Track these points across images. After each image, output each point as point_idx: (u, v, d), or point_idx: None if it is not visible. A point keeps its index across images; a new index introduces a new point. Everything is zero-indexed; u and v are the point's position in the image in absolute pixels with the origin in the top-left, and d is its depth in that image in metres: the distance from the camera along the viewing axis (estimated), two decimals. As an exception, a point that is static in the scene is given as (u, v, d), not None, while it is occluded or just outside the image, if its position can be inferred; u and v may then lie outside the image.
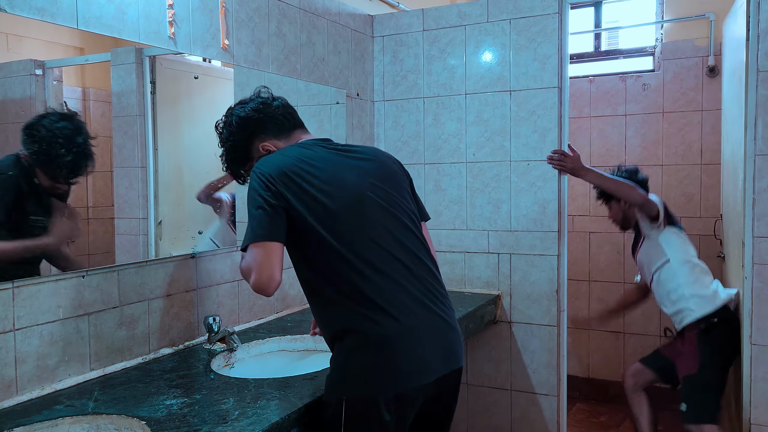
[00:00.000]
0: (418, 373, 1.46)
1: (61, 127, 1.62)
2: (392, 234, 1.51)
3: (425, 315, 1.49)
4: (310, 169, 1.50)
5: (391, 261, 1.48)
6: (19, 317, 1.48)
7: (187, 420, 1.36)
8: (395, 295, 1.46)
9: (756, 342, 2.31)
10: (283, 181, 1.46)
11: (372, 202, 1.51)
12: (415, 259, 1.53)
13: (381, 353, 1.43)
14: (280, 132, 1.65)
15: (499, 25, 2.72)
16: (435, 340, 1.50)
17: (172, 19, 1.88)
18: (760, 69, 2.24)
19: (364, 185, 1.52)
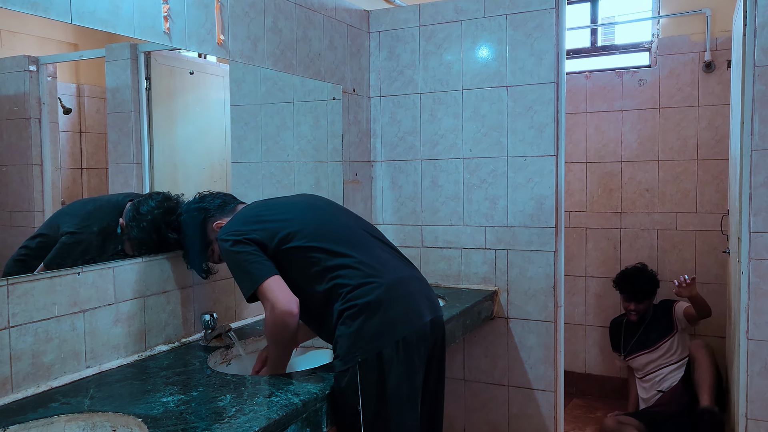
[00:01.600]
0: (413, 315, 1.64)
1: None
2: (347, 221, 1.79)
3: (402, 269, 1.74)
4: (262, 212, 1.75)
5: (359, 238, 1.73)
6: (14, 314, 1.47)
7: (184, 417, 1.35)
8: (373, 260, 1.67)
9: (752, 337, 2.32)
10: (248, 230, 1.66)
11: (321, 206, 1.83)
12: (374, 235, 1.80)
13: (378, 312, 1.59)
14: (225, 209, 1.87)
15: (495, 20, 2.71)
16: (418, 289, 1.72)
17: (167, 13, 1.87)
18: (757, 64, 2.24)
19: (307, 202, 1.85)
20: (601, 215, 3.85)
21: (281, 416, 1.37)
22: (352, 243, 1.69)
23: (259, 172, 2.47)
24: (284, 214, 1.71)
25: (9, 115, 1.62)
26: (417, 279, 1.76)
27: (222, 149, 2.30)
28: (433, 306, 1.72)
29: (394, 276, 1.66)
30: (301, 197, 1.93)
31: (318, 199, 1.90)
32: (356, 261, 1.64)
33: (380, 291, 1.60)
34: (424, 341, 1.65)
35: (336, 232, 1.70)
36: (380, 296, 1.59)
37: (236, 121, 2.33)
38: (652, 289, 3.48)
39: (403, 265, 1.77)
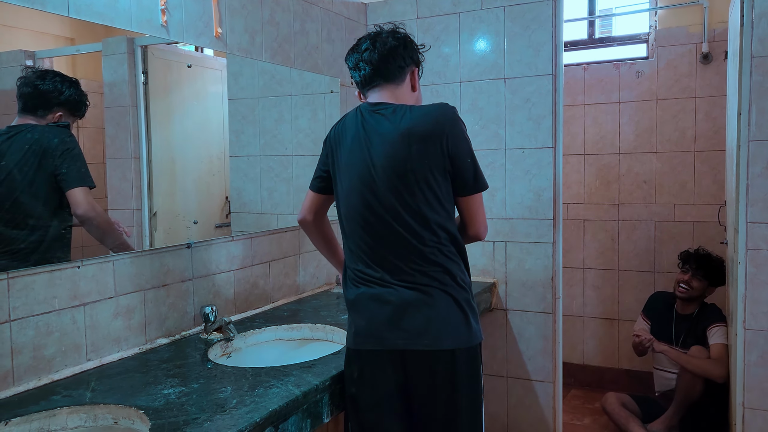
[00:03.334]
0: (371, 336, 1.58)
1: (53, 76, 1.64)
2: (371, 223, 1.59)
3: (388, 289, 1.57)
4: (341, 142, 1.65)
5: (364, 243, 1.60)
6: (15, 308, 1.48)
7: (185, 409, 1.36)
8: (362, 268, 1.61)
9: (749, 327, 2.33)
10: (327, 148, 1.70)
11: (360, 195, 1.59)
12: (378, 239, 1.58)
13: (350, 313, 1.64)
14: (360, 88, 1.70)
15: (493, 12, 2.71)
16: (390, 310, 1.56)
17: (164, 6, 1.86)
18: (754, 55, 2.25)
19: (358, 177, 1.59)
20: (599, 207, 3.86)
21: (282, 407, 1.38)
22: (353, 239, 1.63)
23: (258, 166, 2.48)
24: (341, 177, 1.63)
25: (6, 110, 1.62)
26: (390, 301, 1.57)
27: (220, 143, 2.30)
28: (407, 333, 1.55)
29: (372, 289, 1.59)
30: (366, 160, 1.58)
31: (371, 173, 1.57)
32: (349, 258, 1.66)
33: (356, 295, 1.63)
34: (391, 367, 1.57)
35: (350, 226, 1.63)
36: (354, 300, 1.63)
37: (234, 115, 2.33)
38: (716, 274, 3.14)
39: (390, 279, 1.58)
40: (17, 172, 1.53)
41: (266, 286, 2.34)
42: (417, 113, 1.57)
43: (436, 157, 1.54)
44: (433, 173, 1.55)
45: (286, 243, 2.46)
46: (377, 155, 1.55)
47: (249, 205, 2.45)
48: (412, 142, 1.53)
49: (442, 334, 1.55)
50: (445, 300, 1.56)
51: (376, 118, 1.58)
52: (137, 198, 1.93)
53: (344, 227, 1.66)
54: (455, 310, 1.57)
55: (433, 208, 1.56)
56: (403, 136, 1.54)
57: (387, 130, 1.56)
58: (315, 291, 2.61)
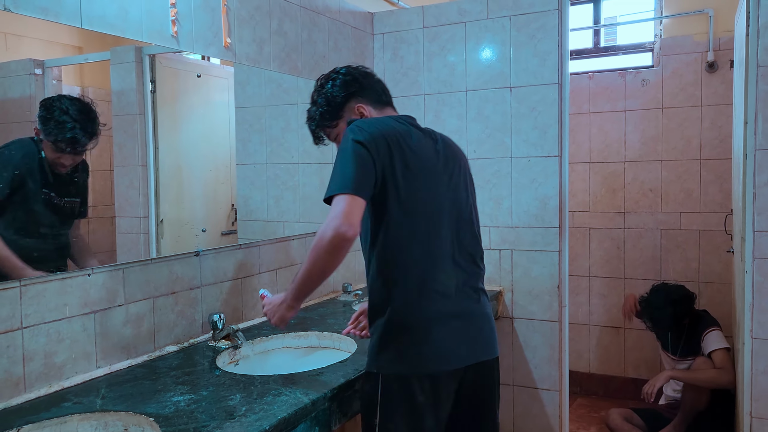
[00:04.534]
0: (443, 357, 1.50)
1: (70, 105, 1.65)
2: (441, 227, 1.55)
3: (458, 304, 1.55)
4: (406, 145, 1.51)
5: (436, 253, 1.53)
6: (27, 315, 1.49)
7: (195, 416, 1.36)
8: (436, 282, 1.51)
9: (757, 336, 2.32)
10: (378, 149, 1.46)
11: (451, 199, 1.58)
12: (456, 254, 1.57)
13: (412, 336, 1.50)
14: (377, 102, 1.68)
15: (499, 21, 2.72)
16: (462, 329, 1.55)
17: (174, 17, 1.88)
18: (760, 64, 2.25)
19: (440, 176, 1.57)
20: (605, 215, 3.86)
21: (290, 415, 1.38)
22: (425, 257, 1.52)
23: (264, 174, 2.49)
24: (413, 177, 1.51)
25: (15, 118, 1.63)
26: (467, 317, 1.58)
27: (227, 151, 2.31)
28: (475, 348, 1.59)
29: (442, 307, 1.53)
30: (439, 166, 1.58)
31: (446, 180, 1.57)
32: (417, 273, 1.51)
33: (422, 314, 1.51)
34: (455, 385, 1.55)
35: (420, 237, 1.52)
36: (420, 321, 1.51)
37: (241, 123, 2.35)
38: (670, 320, 3.13)
39: (465, 297, 1.57)
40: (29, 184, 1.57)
41: (274, 294, 2.35)
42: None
43: (469, 177, 1.71)
44: (472, 186, 1.71)
45: (293, 251, 2.47)
46: (452, 161, 1.61)
47: (255, 213, 2.46)
48: (461, 155, 1.68)
49: (495, 341, 1.68)
50: (489, 307, 1.68)
51: (428, 130, 1.64)
52: (144, 205, 1.94)
53: (404, 235, 1.49)
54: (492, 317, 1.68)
55: (477, 214, 1.69)
56: (456, 146, 1.70)
57: (444, 140, 1.66)
58: (322, 299, 2.62)
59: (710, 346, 2.98)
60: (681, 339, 3.14)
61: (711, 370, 2.91)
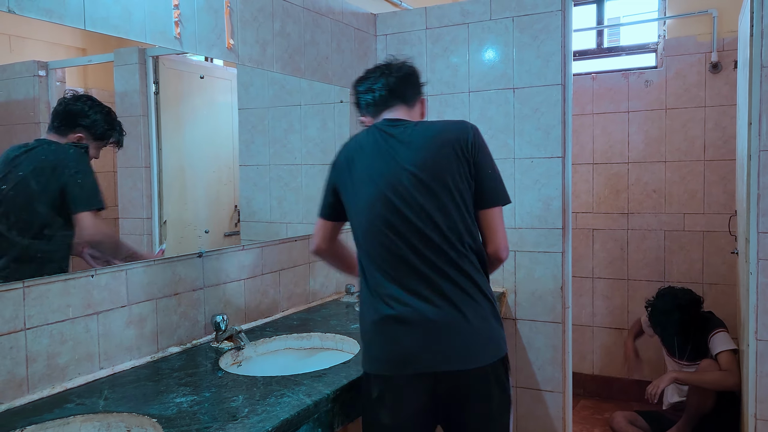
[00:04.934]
0: (396, 362, 1.51)
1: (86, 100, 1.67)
2: (398, 229, 1.53)
3: (416, 307, 1.50)
4: (357, 158, 1.62)
5: (389, 256, 1.54)
6: (30, 316, 1.49)
7: (197, 417, 1.36)
8: (386, 286, 1.53)
9: (761, 337, 2.31)
10: (338, 169, 1.66)
11: (386, 201, 1.54)
12: (415, 260, 1.52)
13: (368, 337, 1.57)
14: (371, 112, 1.71)
15: (502, 22, 2.72)
16: (422, 332, 1.50)
17: (177, 19, 1.89)
18: (764, 64, 2.25)
19: (385, 182, 1.55)
20: (608, 216, 3.85)
21: (293, 416, 1.38)
22: (376, 260, 1.56)
23: (267, 175, 2.49)
24: (356, 190, 1.60)
25: (19, 120, 1.64)
26: (429, 321, 1.51)
27: (230, 152, 2.32)
28: (439, 356, 1.50)
29: (400, 310, 1.51)
30: (391, 168, 1.56)
31: (398, 184, 1.54)
32: (372, 279, 1.56)
33: (379, 317, 1.53)
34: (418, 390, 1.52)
35: (369, 244, 1.57)
36: (377, 323, 1.54)
37: (244, 124, 2.35)
38: (678, 326, 3.10)
39: (426, 299, 1.52)
40: (31, 184, 1.54)
41: (276, 295, 2.35)
42: (441, 123, 1.64)
43: (462, 163, 1.56)
44: (460, 178, 1.55)
45: (296, 252, 2.47)
46: (405, 159, 1.55)
47: (258, 214, 2.46)
48: (441, 146, 1.55)
49: (479, 351, 1.52)
50: (476, 312, 1.52)
51: (399, 129, 1.60)
52: (147, 207, 1.95)
53: (361, 241, 1.59)
54: (485, 323, 1.54)
55: (461, 213, 1.54)
56: (433, 140, 1.56)
57: (414, 137, 1.57)
58: (325, 300, 2.62)
59: (717, 348, 2.96)
60: (688, 343, 3.12)
61: (716, 372, 2.89)
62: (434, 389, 1.52)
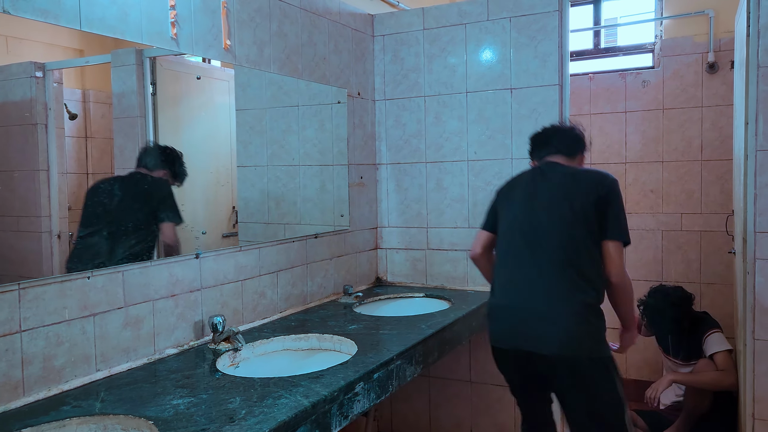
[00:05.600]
0: (500, 336, 2.04)
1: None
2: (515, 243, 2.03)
3: (520, 300, 1.98)
4: (516, 186, 2.14)
5: (520, 263, 2.01)
6: (26, 318, 1.49)
7: (194, 419, 1.36)
8: (506, 284, 2.03)
9: (759, 337, 2.32)
10: (499, 195, 2.19)
11: (525, 237, 2.01)
12: (539, 267, 1.96)
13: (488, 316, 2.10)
14: (537, 157, 2.21)
15: (499, 23, 2.72)
16: (518, 319, 1.97)
17: (174, 19, 1.88)
18: (761, 65, 2.25)
19: (526, 208, 2.04)
20: (606, 216, 3.85)
21: (291, 418, 1.38)
22: (508, 263, 2.05)
23: (265, 176, 2.49)
24: (508, 209, 2.11)
25: (16, 121, 1.63)
26: (525, 310, 1.97)
27: (227, 153, 2.31)
28: (529, 339, 1.94)
29: (506, 301, 2.03)
30: (532, 200, 2.05)
31: (535, 212, 2.02)
32: (498, 275, 2.08)
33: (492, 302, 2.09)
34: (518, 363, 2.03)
35: (507, 252, 2.07)
36: (491, 306, 2.09)
37: (242, 125, 2.35)
38: (671, 323, 3.10)
39: (530, 296, 1.96)
40: (133, 201, 1.93)
41: (274, 296, 2.35)
42: (588, 169, 2.13)
43: (596, 197, 1.96)
44: (591, 208, 1.95)
45: (294, 253, 2.46)
46: (552, 184, 2.03)
47: (256, 215, 2.46)
48: (581, 180, 2.02)
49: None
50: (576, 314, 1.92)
51: (554, 167, 2.10)
52: (145, 208, 1.94)
53: (501, 243, 2.09)
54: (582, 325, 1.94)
55: (585, 234, 1.94)
56: (575, 175, 2.05)
57: (563, 172, 2.07)
58: (322, 301, 2.62)
59: (712, 348, 2.96)
60: (682, 342, 3.12)
61: (713, 372, 2.90)
62: (521, 363, 2.07)
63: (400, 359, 1.87)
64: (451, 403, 2.95)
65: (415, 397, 3.02)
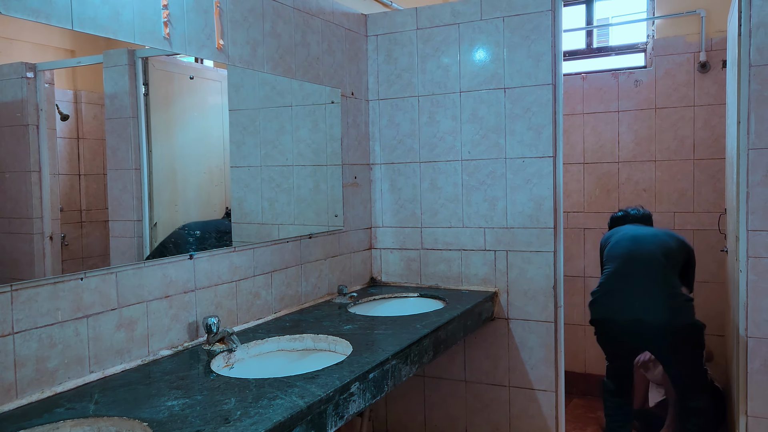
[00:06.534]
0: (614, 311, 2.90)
1: None
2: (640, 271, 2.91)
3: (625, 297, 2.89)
4: (616, 238, 3.07)
5: (627, 280, 2.91)
6: (18, 320, 1.48)
7: (189, 421, 1.35)
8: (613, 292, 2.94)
9: (752, 334, 2.33)
10: (604, 243, 3.15)
11: (633, 257, 2.94)
12: (645, 281, 2.87)
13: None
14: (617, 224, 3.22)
15: (492, 23, 2.73)
16: (631, 301, 2.84)
17: (167, 19, 1.87)
18: (752, 64, 2.26)
19: (633, 250, 2.96)
20: (599, 216, 3.87)
21: (286, 419, 1.37)
22: (619, 281, 2.91)
23: (258, 176, 2.48)
24: (616, 250, 3.02)
25: (7, 122, 1.62)
26: (635, 300, 2.85)
27: (220, 154, 2.30)
28: (641, 310, 2.80)
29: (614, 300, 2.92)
30: (636, 246, 2.98)
31: (638, 251, 2.95)
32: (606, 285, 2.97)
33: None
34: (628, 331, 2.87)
35: (620, 272, 2.94)
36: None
37: (235, 126, 2.34)
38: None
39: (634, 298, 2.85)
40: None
41: (268, 297, 2.34)
42: (669, 231, 3.11)
43: (678, 253, 2.96)
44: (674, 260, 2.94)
45: (288, 253, 2.46)
46: (649, 238, 2.98)
47: (250, 216, 2.45)
48: (669, 240, 2.98)
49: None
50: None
51: (644, 228, 3.10)
52: (138, 209, 1.93)
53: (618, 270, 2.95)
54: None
55: (670, 270, 2.90)
56: (664, 235, 3.02)
57: (653, 231, 3.09)
58: (317, 301, 2.61)
59: None
60: None
61: None
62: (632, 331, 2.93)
63: (395, 359, 1.87)
64: (446, 403, 2.95)
65: (410, 396, 3.03)
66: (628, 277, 2.88)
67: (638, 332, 2.82)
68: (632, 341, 2.91)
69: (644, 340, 2.87)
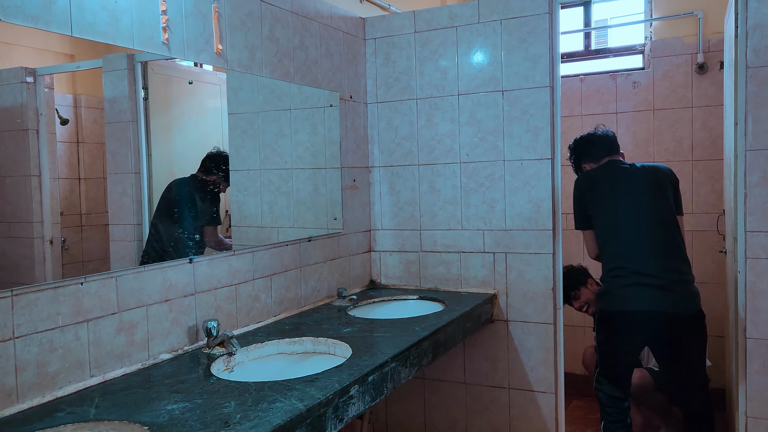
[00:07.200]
0: (627, 302, 2.58)
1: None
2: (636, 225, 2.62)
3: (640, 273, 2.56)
4: (601, 184, 2.71)
5: (631, 243, 2.63)
6: (19, 325, 1.48)
7: (189, 424, 1.36)
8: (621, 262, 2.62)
9: (750, 336, 2.33)
10: (585, 189, 2.74)
11: (626, 207, 2.63)
12: (648, 240, 2.61)
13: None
14: (595, 158, 2.80)
15: (490, 25, 2.74)
16: (643, 290, 2.55)
17: (165, 24, 1.88)
18: (749, 65, 2.27)
19: (625, 194, 2.64)
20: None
21: (286, 422, 1.38)
22: (621, 249, 2.63)
23: (258, 180, 2.48)
24: (606, 204, 2.68)
25: (7, 127, 1.63)
26: (646, 285, 2.56)
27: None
28: (657, 302, 2.55)
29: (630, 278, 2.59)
30: (628, 188, 2.67)
31: (631, 195, 2.64)
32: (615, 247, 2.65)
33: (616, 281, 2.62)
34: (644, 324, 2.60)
35: (617, 235, 2.65)
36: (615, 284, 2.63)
37: (234, 129, 2.34)
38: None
39: (645, 272, 2.57)
40: (171, 205, 2.05)
41: (268, 300, 2.35)
42: (652, 164, 2.76)
43: (670, 186, 2.70)
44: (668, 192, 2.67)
45: (287, 256, 2.46)
46: (644, 183, 2.65)
47: (249, 219, 2.45)
48: (658, 176, 2.69)
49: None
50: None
51: (626, 165, 2.74)
52: (137, 213, 1.93)
53: (611, 238, 2.65)
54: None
55: (671, 214, 2.65)
56: (653, 171, 2.70)
57: (643, 169, 2.71)
58: (316, 304, 2.62)
59: None
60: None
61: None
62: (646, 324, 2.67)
63: (395, 362, 1.88)
64: (445, 405, 2.96)
65: (410, 399, 3.03)
66: (637, 258, 2.59)
67: (656, 325, 2.61)
68: (647, 335, 2.67)
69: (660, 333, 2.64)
